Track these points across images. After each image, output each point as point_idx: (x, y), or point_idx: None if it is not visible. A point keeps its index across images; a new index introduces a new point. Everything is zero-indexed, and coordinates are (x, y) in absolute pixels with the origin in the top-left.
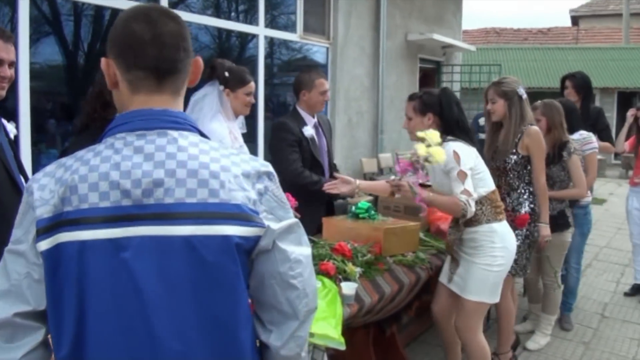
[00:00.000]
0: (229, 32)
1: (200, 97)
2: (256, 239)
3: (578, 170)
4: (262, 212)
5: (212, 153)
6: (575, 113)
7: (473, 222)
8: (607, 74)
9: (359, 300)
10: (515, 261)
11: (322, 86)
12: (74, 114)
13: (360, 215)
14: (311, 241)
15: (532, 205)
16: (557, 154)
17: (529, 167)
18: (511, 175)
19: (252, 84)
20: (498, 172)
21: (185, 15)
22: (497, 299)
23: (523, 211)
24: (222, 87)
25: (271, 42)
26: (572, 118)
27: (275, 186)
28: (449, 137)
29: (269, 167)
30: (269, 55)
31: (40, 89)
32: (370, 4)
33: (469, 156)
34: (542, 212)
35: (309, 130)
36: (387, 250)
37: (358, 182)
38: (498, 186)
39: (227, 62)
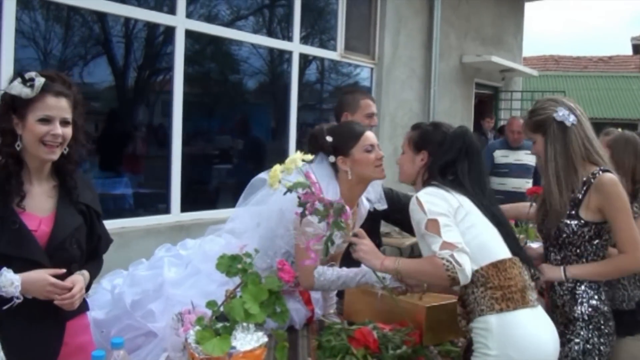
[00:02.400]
0: (258, 48)
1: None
2: None
3: None
4: None
5: None
6: None
7: (467, 312)
8: None
9: None
10: None
11: (368, 108)
12: None
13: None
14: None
15: (596, 302)
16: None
17: (597, 241)
18: (568, 252)
19: (370, 134)
20: (549, 244)
21: (207, 28)
22: None
23: (579, 310)
24: (332, 159)
25: (307, 61)
26: None
27: None
28: (433, 182)
29: None
30: (304, 76)
31: None
32: (421, 21)
33: (438, 199)
34: (588, 267)
35: None
36: (430, 337)
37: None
38: None
39: (326, 125)
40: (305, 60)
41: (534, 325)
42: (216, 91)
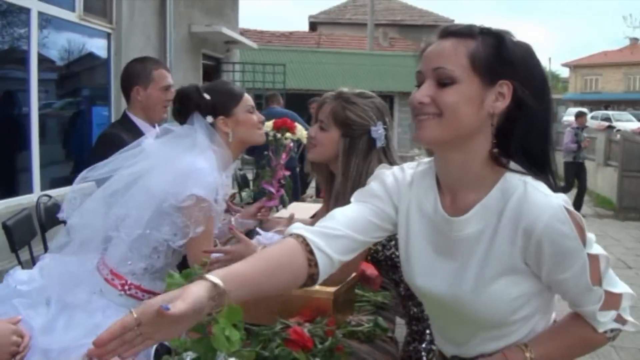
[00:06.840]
0: None
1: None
2: None
3: None
4: None
5: None
6: None
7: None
8: (359, 77)
9: None
10: None
11: (164, 79)
12: None
13: None
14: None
15: None
16: None
17: None
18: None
19: (248, 96)
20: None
21: None
22: None
23: None
24: (210, 119)
25: (48, 22)
26: None
27: None
28: (522, 171)
29: None
30: (46, 40)
31: None
32: None
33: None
34: None
35: None
36: (339, 320)
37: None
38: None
39: (194, 85)
40: (45, 21)
41: None
42: None
